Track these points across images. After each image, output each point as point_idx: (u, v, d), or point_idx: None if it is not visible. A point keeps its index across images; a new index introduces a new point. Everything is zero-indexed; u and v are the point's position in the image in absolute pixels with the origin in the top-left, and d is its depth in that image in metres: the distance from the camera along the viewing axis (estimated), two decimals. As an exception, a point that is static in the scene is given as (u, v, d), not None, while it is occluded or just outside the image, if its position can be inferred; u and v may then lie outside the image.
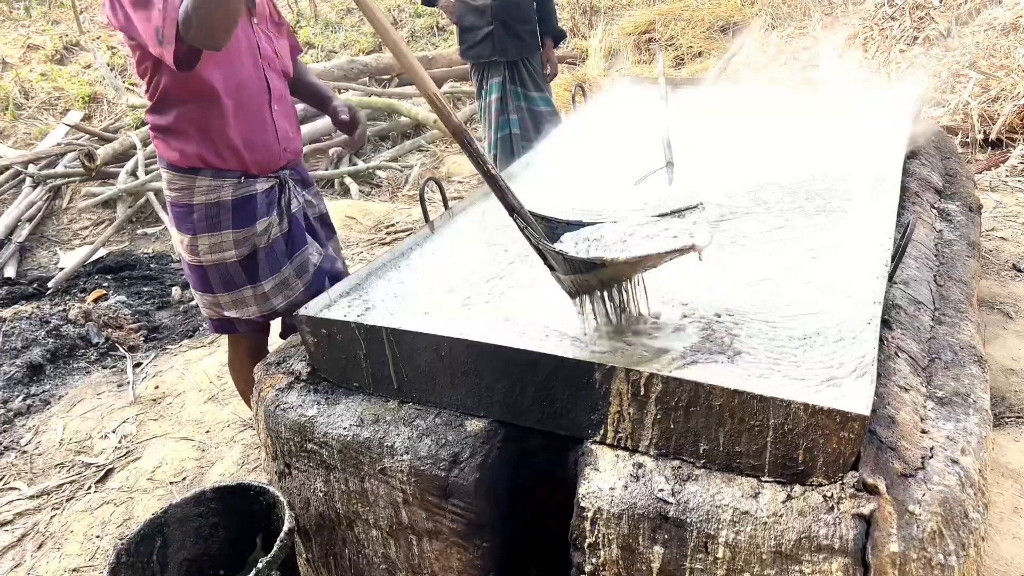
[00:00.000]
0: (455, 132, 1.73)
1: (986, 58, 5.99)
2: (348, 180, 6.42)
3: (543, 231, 1.75)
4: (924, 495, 1.35)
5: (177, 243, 2.40)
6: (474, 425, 1.73)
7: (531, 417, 1.68)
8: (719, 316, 1.76)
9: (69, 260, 5.22)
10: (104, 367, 3.81)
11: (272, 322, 2.54)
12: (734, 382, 1.43)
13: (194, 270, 2.36)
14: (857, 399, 1.38)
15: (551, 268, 1.72)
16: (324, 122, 7.12)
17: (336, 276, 2.53)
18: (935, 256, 2.29)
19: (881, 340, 1.69)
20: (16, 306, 4.37)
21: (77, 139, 6.98)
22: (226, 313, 2.40)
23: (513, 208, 1.72)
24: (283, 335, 2.58)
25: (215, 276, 2.34)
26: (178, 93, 2.14)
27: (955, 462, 1.43)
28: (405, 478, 1.72)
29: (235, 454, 3.01)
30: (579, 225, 1.81)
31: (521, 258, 2.15)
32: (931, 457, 1.44)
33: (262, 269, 2.36)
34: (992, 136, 5.51)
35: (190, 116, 2.17)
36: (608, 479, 1.52)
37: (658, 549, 1.47)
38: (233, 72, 2.17)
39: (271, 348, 2.29)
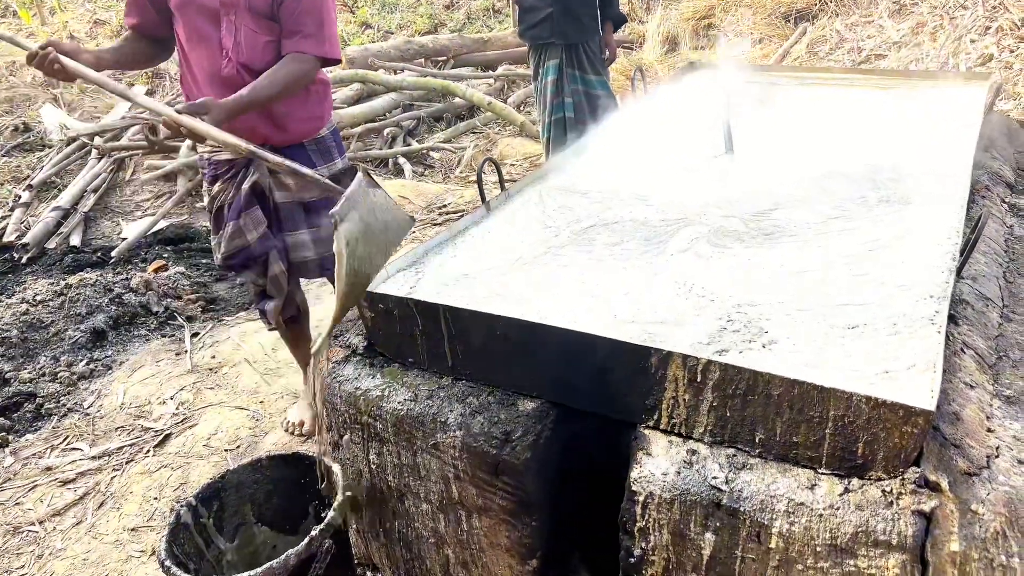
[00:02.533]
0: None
1: (1063, 50, 5.76)
2: (402, 160, 6.47)
3: None
4: (988, 494, 1.32)
5: None
6: (527, 405, 1.74)
7: (584, 399, 1.68)
8: (748, 305, 1.72)
9: (131, 231, 5.37)
10: (163, 335, 3.92)
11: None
12: (794, 372, 1.41)
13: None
14: (922, 393, 1.35)
15: None
16: (380, 102, 7.17)
17: (301, 263, 2.79)
18: (1005, 252, 2.22)
19: (947, 335, 1.65)
20: (81, 273, 4.51)
21: (141, 113, 7.14)
22: (217, 253, 2.83)
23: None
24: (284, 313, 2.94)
25: (210, 217, 2.80)
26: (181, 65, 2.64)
27: (1022, 463, 1.39)
28: (457, 454, 1.74)
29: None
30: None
31: (576, 241, 2.14)
32: (997, 456, 1.40)
33: (215, 224, 2.76)
34: (1066, 131, 5.30)
35: (182, 77, 2.65)
36: (661, 464, 1.52)
37: (709, 536, 1.46)
38: (191, 56, 2.56)
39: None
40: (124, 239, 5.21)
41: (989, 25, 6.62)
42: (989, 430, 1.47)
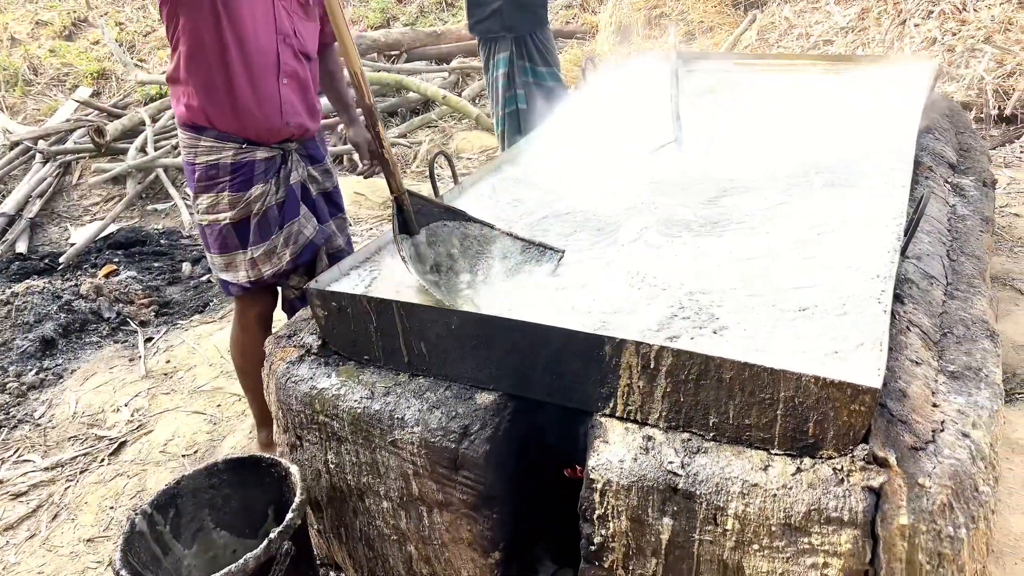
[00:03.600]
0: (366, 111, 1.88)
1: (1001, 32, 5.90)
2: (356, 156, 6.40)
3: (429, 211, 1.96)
4: (935, 468, 1.35)
5: (190, 200, 2.49)
6: (484, 398, 1.73)
7: (541, 390, 1.68)
8: (700, 292, 1.74)
9: (80, 236, 5.24)
10: (116, 341, 3.83)
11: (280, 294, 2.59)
12: (745, 355, 1.43)
13: (200, 229, 2.45)
14: (868, 371, 1.38)
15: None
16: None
17: (337, 253, 2.58)
18: (948, 231, 2.27)
19: (893, 314, 1.68)
20: (28, 281, 4.39)
21: (86, 115, 6.97)
22: (219, 274, 2.47)
23: (393, 191, 1.88)
24: (284, 307, 2.62)
25: (211, 235, 2.40)
26: (191, 47, 2.19)
27: (966, 436, 1.42)
28: (415, 450, 1.73)
29: (246, 427, 3.03)
30: (458, 216, 1.98)
31: (529, 233, 2.14)
32: (942, 431, 1.43)
33: (253, 236, 2.39)
34: (1007, 111, 5.44)
35: (199, 72, 2.22)
36: (618, 451, 1.53)
37: (667, 521, 1.48)
38: (247, 38, 2.21)
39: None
40: (72, 245, 5.09)
41: (932, 9, 6.76)
42: (935, 405, 1.51)
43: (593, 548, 1.60)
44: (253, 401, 2.73)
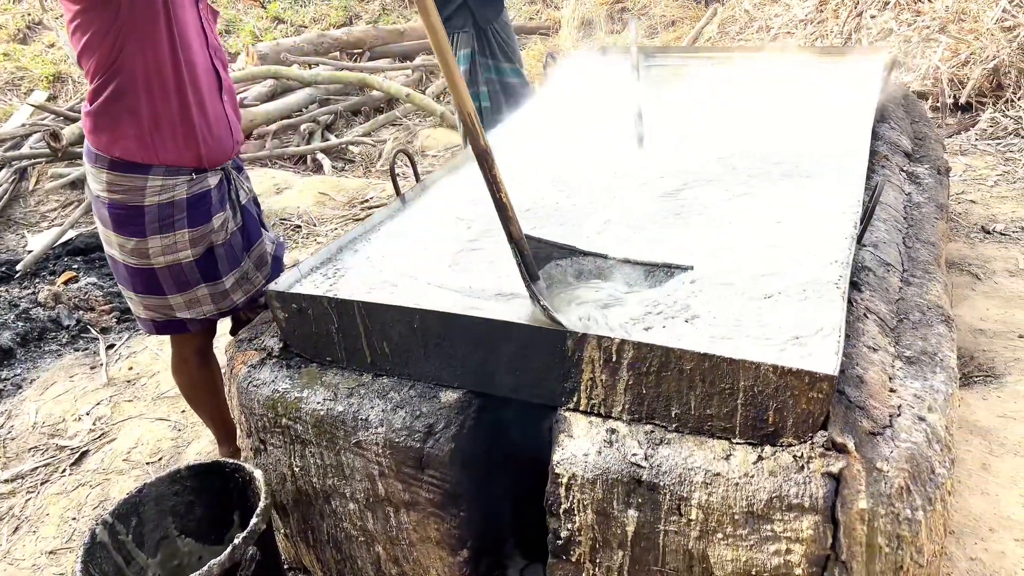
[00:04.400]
0: (479, 155, 1.58)
1: (956, 22, 6.01)
2: (321, 156, 6.35)
3: (538, 252, 1.74)
4: (892, 452, 1.37)
5: (115, 248, 2.17)
6: (448, 396, 1.73)
7: (505, 387, 1.68)
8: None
9: (37, 242, 5.13)
10: (76, 349, 3.76)
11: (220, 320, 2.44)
12: (704, 346, 1.44)
13: (139, 273, 2.19)
14: (825, 359, 1.39)
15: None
16: (295, 97, 7.03)
17: (279, 259, 2.50)
18: (904, 218, 2.31)
19: (850, 302, 1.70)
20: (-16, 290, 4.29)
21: (42, 119, 6.82)
22: (178, 314, 2.27)
23: (513, 238, 1.63)
24: (233, 332, 2.48)
25: (167, 278, 2.20)
26: (136, 77, 1.97)
27: (922, 419, 1.45)
28: (380, 450, 1.72)
29: (211, 433, 2.99)
30: (571, 252, 1.83)
31: (489, 231, 2.14)
32: (899, 415, 1.46)
33: (222, 265, 2.26)
34: (962, 100, 5.55)
35: (148, 103, 2.00)
36: (582, 445, 1.53)
37: (632, 513, 1.49)
38: (194, 61, 2.05)
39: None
40: (30, 251, 4.98)
41: (888, 1, 6.86)
42: (891, 390, 1.53)
43: (560, 542, 1.60)
44: (209, 421, 2.62)
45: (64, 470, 2.92)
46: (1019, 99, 5.41)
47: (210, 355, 2.53)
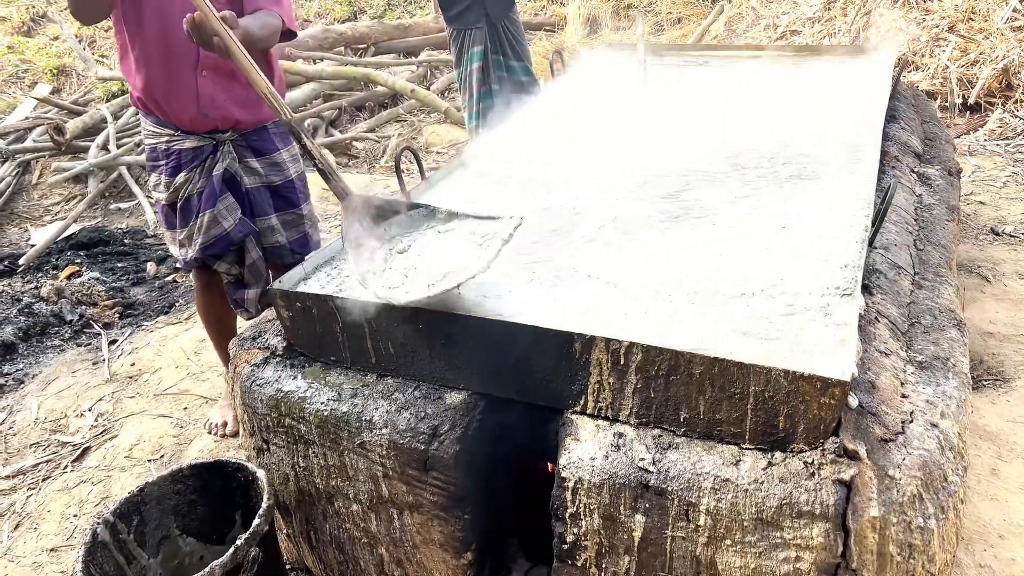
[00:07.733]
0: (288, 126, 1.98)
1: (965, 21, 5.97)
2: (325, 152, 6.33)
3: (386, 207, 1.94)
4: (904, 459, 1.35)
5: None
6: (453, 398, 1.71)
7: (511, 388, 1.66)
8: (668, 288, 1.72)
9: (40, 236, 5.12)
10: (79, 345, 3.74)
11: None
12: (714, 350, 1.42)
13: (159, 207, 2.64)
14: (838, 365, 1.37)
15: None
16: (300, 92, 7.01)
17: (273, 248, 2.68)
18: (915, 220, 2.28)
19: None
20: (-13, 284, 4.28)
21: (46, 113, 6.81)
22: (171, 249, 2.68)
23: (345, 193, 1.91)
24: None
25: (159, 212, 2.64)
26: (124, 38, 2.35)
27: (935, 426, 1.43)
28: (384, 452, 1.70)
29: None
30: (422, 208, 1.95)
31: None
32: (911, 422, 1.43)
33: (179, 219, 2.57)
34: (971, 100, 5.51)
35: (133, 61, 2.37)
36: (589, 449, 1.51)
37: (639, 518, 1.47)
38: (171, 31, 2.27)
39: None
40: (33, 246, 4.96)
41: (896, -1, 6.82)
42: (904, 396, 1.51)
43: (566, 547, 1.58)
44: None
45: (66, 466, 2.90)
46: (1028, 99, 5.38)
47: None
